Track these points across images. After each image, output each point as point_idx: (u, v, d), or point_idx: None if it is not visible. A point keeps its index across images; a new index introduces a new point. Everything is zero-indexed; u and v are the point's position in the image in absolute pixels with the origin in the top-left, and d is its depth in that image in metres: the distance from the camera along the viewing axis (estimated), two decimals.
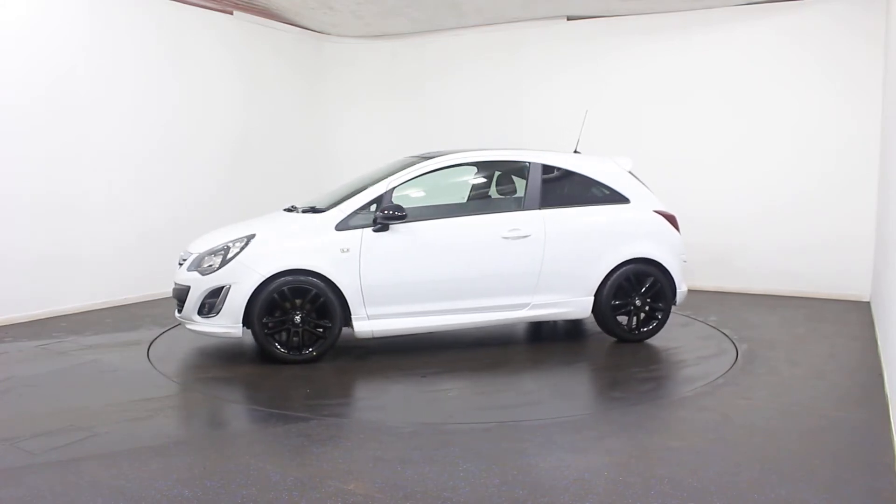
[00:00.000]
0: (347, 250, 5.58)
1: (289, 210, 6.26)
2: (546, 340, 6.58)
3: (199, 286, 5.56)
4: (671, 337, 6.38)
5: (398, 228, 5.69)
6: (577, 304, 6.07)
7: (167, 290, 8.19)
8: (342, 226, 5.65)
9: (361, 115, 10.78)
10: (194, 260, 5.72)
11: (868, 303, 8.03)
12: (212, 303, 5.53)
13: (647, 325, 6.23)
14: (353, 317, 5.63)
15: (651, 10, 8.93)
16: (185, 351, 6.10)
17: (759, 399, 4.80)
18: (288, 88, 10.18)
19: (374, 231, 5.65)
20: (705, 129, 8.88)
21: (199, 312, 5.59)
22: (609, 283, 6.07)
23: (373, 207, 5.72)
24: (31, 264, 7.06)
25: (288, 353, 5.55)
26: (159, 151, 8.31)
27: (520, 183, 6.22)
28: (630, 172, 6.35)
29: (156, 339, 6.39)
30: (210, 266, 5.59)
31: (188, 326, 5.73)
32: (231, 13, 9.11)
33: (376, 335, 5.76)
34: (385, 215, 5.62)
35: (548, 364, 5.85)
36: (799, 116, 8.40)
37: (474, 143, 8.46)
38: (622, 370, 5.52)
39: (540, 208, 6.01)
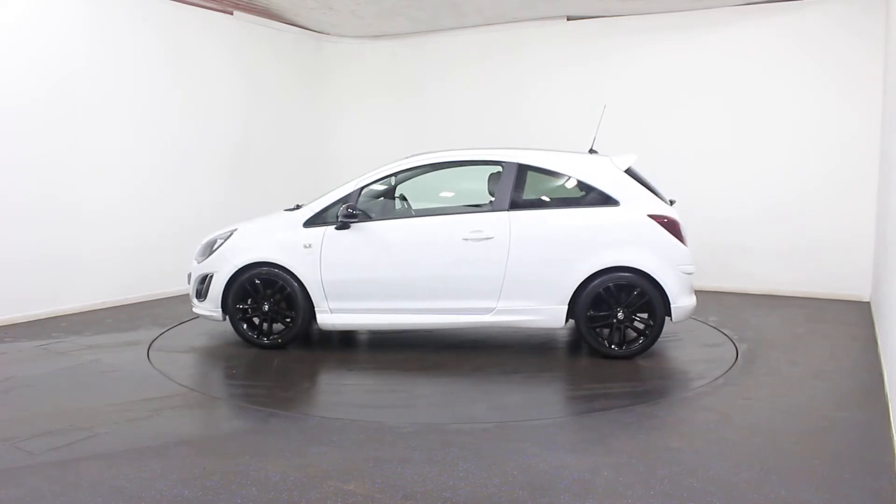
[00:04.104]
0: (310, 246, 5.89)
1: (290, 210, 6.33)
2: (547, 341, 6.57)
3: (195, 273, 6.26)
4: (671, 338, 6.37)
5: (359, 227, 5.87)
6: (548, 312, 5.71)
7: (167, 291, 8.28)
8: (309, 223, 5.98)
9: (361, 114, 10.79)
10: (198, 250, 6.35)
11: (868, 303, 8.03)
12: (201, 288, 6.17)
13: (634, 342, 5.75)
14: (316, 309, 5.93)
15: (651, 10, 8.93)
16: (184, 351, 6.11)
17: (759, 399, 4.80)
18: (288, 88, 10.19)
19: (336, 229, 5.86)
20: (705, 129, 8.88)
21: (196, 296, 6.25)
22: (585, 292, 5.65)
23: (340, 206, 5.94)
24: (31, 264, 7.06)
25: (256, 337, 6.05)
26: (160, 151, 8.32)
27: (492, 183, 5.99)
28: (630, 172, 5.89)
29: (156, 339, 6.40)
30: (203, 256, 6.23)
31: (192, 308, 6.36)
32: (231, 13, 9.11)
33: (338, 328, 6.06)
34: (344, 214, 5.82)
35: (546, 365, 5.84)
36: (799, 116, 8.41)
37: (475, 143, 8.45)
38: (621, 370, 5.51)
39: (509, 209, 5.76)
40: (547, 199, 6.10)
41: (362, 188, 5.96)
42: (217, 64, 9.03)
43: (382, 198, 6.30)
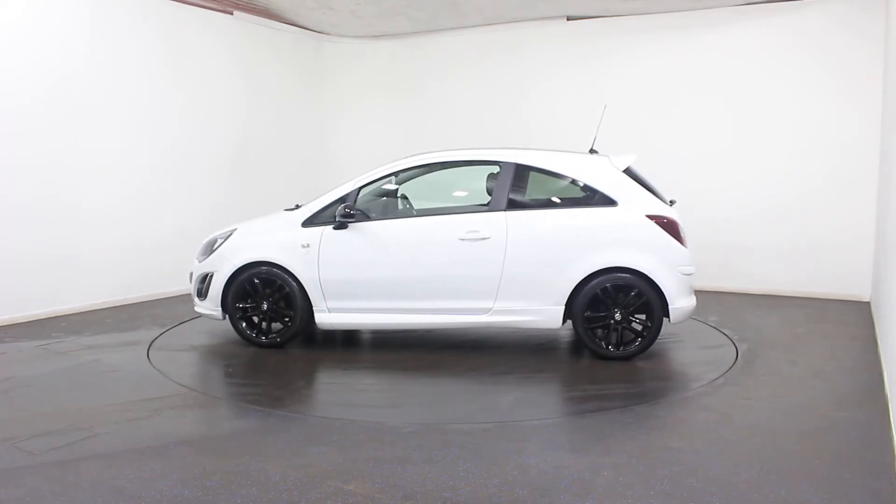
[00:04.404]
0: (308, 246, 5.92)
1: (289, 209, 6.35)
2: (546, 342, 6.57)
3: (196, 272, 6.31)
4: (671, 338, 6.37)
5: (357, 227, 5.90)
6: (545, 313, 5.68)
7: (167, 291, 8.28)
8: (308, 223, 6.01)
9: (361, 115, 10.79)
10: (199, 249, 6.40)
11: (868, 303, 8.03)
12: (201, 287, 6.23)
13: (632, 343, 5.69)
14: (314, 308, 5.96)
15: (651, 10, 8.93)
16: (184, 351, 6.11)
17: (759, 399, 4.80)
18: (288, 88, 10.19)
19: (334, 229, 5.90)
20: (705, 129, 8.88)
21: (197, 295, 6.30)
22: (582, 293, 5.62)
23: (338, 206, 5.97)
24: (31, 264, 7.06)
25: (255, 336, 6.08)
26: (160, 151, 8.32)
27: (490, 183, 5.95)
28: (629, 172, 5.85)
29: (156, 339, 6.40)
30: (203, 255, 6.29)
31: (193, 307, 6.41)
32: (231, 13, 9.11)
33: (336, 328, 6.08)
34: (342, 213, 5.85)
35: (546, 365, 5.84)
36: (799, 116, 8.41)
37: (475, 143, 8.45)
38: (621, 371, 5.51)
39: (506, 210, 5.74)
40: (544, 199, 6.05)
41: (360, 188, 5.98)
42: (217, 64, 9.03)
43: (380, 198, 6.31)
